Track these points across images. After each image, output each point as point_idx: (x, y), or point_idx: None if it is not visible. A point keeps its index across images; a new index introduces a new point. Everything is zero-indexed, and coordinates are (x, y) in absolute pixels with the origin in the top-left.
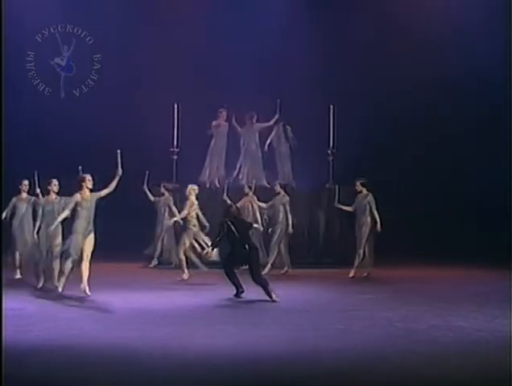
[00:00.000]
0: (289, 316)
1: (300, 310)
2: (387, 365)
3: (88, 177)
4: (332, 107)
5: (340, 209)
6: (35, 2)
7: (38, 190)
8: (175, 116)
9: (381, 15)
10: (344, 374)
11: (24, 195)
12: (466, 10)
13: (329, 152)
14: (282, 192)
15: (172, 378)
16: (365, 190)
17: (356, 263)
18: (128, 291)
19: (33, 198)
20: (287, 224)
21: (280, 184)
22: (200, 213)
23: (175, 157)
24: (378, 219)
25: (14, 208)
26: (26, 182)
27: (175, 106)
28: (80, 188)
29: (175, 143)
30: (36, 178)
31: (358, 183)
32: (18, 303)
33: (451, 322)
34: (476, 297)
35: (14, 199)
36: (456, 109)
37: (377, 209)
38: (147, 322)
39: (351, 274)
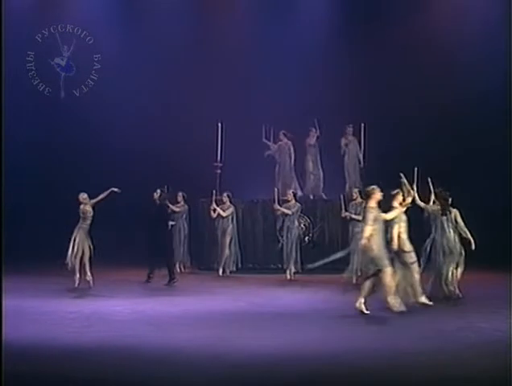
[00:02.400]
0: (323, 319)
1: (333, 313)
2: (416, 365)
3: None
4: (363, 125)
5: (350, 218)
6: (35, 2)
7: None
8: (219, 133)
9: (412, 33)
10: (377, 373)
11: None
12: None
13: (361, 167)
14: (294, 201)
15: (220, 379)
16: (359, 199)
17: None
18: (174, 294)
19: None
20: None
21: (293, 193)
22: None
23: (219, 171)
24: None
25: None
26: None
27: (219, 124)
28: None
29: (219, 158)
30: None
31: (355, 191)
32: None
33: (473, 323)
34: (496, 298)
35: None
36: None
37: None
38: (194, 325)
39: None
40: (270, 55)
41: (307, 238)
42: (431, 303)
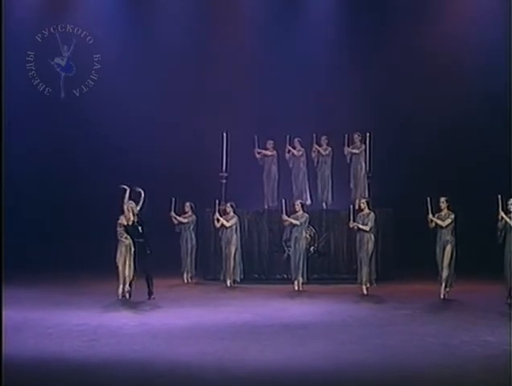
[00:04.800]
0: (331, 331)
1: (340, 325)
2: (421, 379)
3: None
4: (368, 134)
5: (358, 228)
6: (35, 2)
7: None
8: (225, 143)
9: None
10: None
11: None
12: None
13: (367, 175)
14: (301, 211)
15: None
16: (367, 209)
17: (364, 279)
18: (181, 306)
19: None
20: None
21: (301, 203)
22: None
23: (224, 181)
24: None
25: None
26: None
27: (225, 135)
28: None
29: (224, 168)
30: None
31: (363, 201)
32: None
33: (478, 337)
34: (501, 310)
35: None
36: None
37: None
38: (202, 337)
39: (364, 291)
40: (276, 65)
41: (312, 248)
42: None
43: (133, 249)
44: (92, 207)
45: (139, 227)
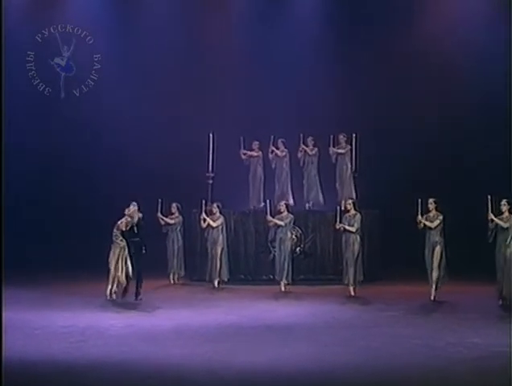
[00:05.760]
0: (315, 333)
1: (324, 326)
2: (406, 381)
3: None
4: (355, 135)
5: (344, 229)
6: (35, 2)
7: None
8: (211, 144)
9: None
10: None
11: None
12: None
13: (353, 176)
14: (286, 212)
15: None
16: (353, 210)
17: (351, 281)
18: (168, 308)
19: None
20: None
21: (286, 204)
22: None
23: (211, 181)
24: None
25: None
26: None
27: (211, 135)
28: None
29: (211, 168)
30: None
31: (349, 202)
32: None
33: (465, 339)
34: (490, 312)
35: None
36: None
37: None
38: (190, 339)
39: (352, 292)
40: (262, 66)
41: (298, 249)
42: None
43: (127, 251)
44: (92, 207)
45: (135, 228)
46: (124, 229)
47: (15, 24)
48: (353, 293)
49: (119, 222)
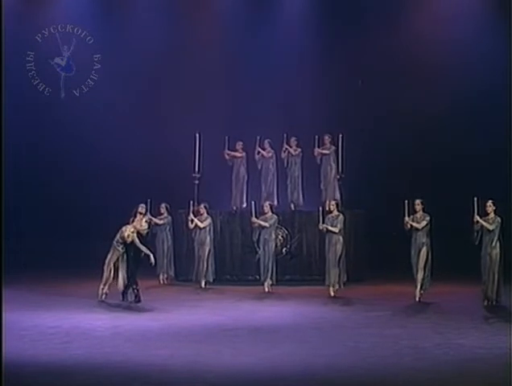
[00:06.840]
0: (300, 334)
1: (308, 327)
2: (393, 383)
3: None
4: (341, 136)
5: (327, 229)
6: (35, 2)
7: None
8: (197, 144)
9: (391, 45)
10: None
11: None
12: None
13: (338, 177)
14: (270, 213)
15: None
16: (336, 211)
17: (332, 281)
18: (154, 308)
19: None
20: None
21: (270, 204)
22: None
23: (197, 182)
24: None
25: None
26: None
27: (197, 135)
28: None
29: (197, 169)
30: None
31: (332, 203)
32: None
33: (451, 340)
34: (475, 313)
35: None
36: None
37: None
38: (175, 340)
39: (331, 293)
40: (247, 66)
41: (284, 249)
42: None
43: (125, 258)
44: (91, 207)
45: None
46: (125, 241)
47: (15, 24)
48: (332, 294)
49: (125, 231)
